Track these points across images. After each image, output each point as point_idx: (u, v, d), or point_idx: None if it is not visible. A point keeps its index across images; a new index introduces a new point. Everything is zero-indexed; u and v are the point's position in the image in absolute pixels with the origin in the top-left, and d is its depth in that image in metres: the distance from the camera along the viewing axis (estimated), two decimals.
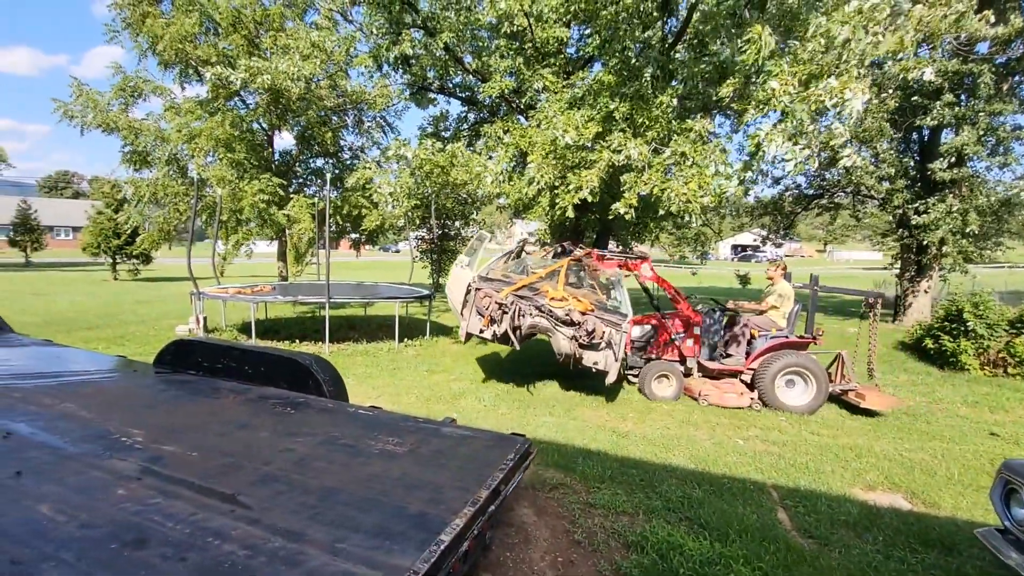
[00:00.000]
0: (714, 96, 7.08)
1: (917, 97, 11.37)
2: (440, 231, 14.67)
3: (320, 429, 2.81)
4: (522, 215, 9.83)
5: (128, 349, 8.59)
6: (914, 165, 12.94)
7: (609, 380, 5.95)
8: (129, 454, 2.35)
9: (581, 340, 5.86)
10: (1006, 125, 11.30)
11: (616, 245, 12.60)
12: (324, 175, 12.86)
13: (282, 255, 15.11)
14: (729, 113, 9.33)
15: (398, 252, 52.88)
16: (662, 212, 7.82)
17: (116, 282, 22.89)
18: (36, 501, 1.89)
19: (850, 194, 14.74)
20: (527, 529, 3.40)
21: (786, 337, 6.67)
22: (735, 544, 3.29)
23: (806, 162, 5.88)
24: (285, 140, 68.56)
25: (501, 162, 7.87)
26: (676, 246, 17.97)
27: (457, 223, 16.27)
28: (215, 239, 12.26)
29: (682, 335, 7.00)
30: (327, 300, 9.06)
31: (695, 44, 7.69)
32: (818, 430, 5.73)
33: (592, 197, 6.92)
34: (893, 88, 10.83)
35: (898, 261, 13.99)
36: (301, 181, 15.25)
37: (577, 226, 9.70)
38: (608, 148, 6.69)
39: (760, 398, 6.41)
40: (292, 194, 13.62)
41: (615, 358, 5.83)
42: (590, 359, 5.97)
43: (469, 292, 6.31)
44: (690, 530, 3.48)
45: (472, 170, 7.86)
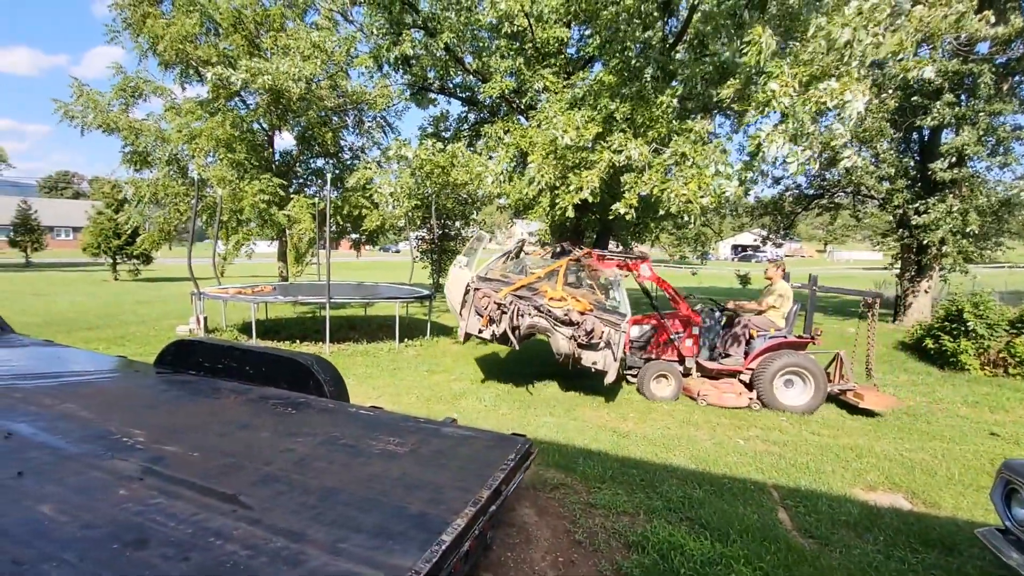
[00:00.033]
0: (715, 97, 7.07)
1: (917, 97, 11.38)
2: (440, 231, 14.67)
3: (321, 429, 2.81)
4: (522, 215, 9.82)
5: (128, 349, 8.59)
6: (914, 165, 12.95)
7: (608, 380, 5.95)
8: (130, 454, 2.35)
9: (580, 340, 5.85)
10: (1006, 125, 11.31)
11: (616, 245, 12.60)
12: (324, 175, 12.85)
13: (282, 255, 15.12)
14: (729, 113, 9.33)
15: (398, 252, 52.86)
16: (662, 212, 7.82)
17: (116, 282, 22.91)
18: (37, 501, 1.89)
19: (850, 194, 14.75)
20: (528, 529, 3.40)
21: (784, 337, 6.68)
22: (736, 544, 3.29)
23: (807, 163, 5.87)
24: (285, 140, 68.56)
25: (501, 162, 7.86)
26: (676, 246, 18.02)
27: (457, 223, 16.29)
28: (215, 239, 12.27)
29: (681, 335, 7.01)
30: (327, 300, 9.06)
31: (695, 44, 7.69)
32: (819, 430, 5.73)
33: (593, 198, 6.91)
34: (893, 88, 10.83)
35: (898, 261, 13.99)
36: (301, 181, 15.27)
37: (577, 226, 9.69)
38: (609, 148, 6.69)
39: (759, 398, 6.41)
40: (292, 194, 13.63)
41: (614, 358, 5.83)
42: (589, 359, 5.96)
43: (468, 292, 6.31)
44: (691, 530, 3.48)
45: (472, 170, 7.85)
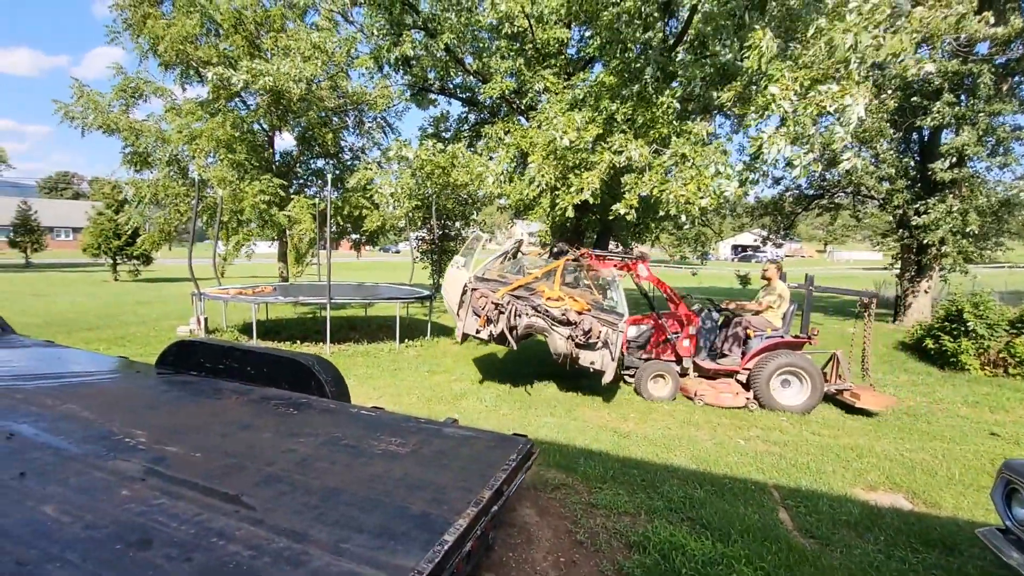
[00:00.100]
0: (715, 99, 7.08)
1: (917, 97, 11.39)
2: (441, 232, 14.67)
3: (322, 430, 2.81)
4: (523, 216, 9.82)
5: (129, 350, 8.59)
6: (914, 165, 12.96)
7: (606, 380, 5.95)
8: (132, 455, 2.36)
9: (577, 340, 5.85)
10: (1006, 125, 11.33)
11: (617, 245, 12.61)
12: (325, 176, 12.87)
13: (283, 256, 15.13)
14: (730, 114, 9.34)
15: (398, 253, 52.85)
16: (662, 213, 7.83)
17: (117, 283, 22.90)
18: (40, 502, 1.89)
19: (850, 194, 14.77)
20: (529, 529, 3.40)
21: (781, 337, 6.68)
22: (737, 544, 3.29)
23: (809, 166, 5.87)
24: (286, 141, 68.51)
25: (502, 163, 7.86)
26: (676, 246, 18.00)
27: (458, 224, 16.28)
28: (216, 240, 12.27)
29: (678, 335, 7.02)
30: (328, 301, 9.07)
31: (696, 46, 7.69)
32: (819, 430, 5.73)
33: (593, 198, 6.92)
34: (893, 88, 10.84)
35: (898, 261, 14.00)
36: (302, 182, 15.28)
37: (578, 227, 9.69)
38: (609, 149, 6.70)
39: (756, 398, 6.41)
40: (293, 195, 13.63)
41: (612, 357, 5.82)
42: (587, 359, 5.96)
43: (465, 292, 6.30)
44: (692, 530, 3.48)
45: (473, 171, 7.85)
